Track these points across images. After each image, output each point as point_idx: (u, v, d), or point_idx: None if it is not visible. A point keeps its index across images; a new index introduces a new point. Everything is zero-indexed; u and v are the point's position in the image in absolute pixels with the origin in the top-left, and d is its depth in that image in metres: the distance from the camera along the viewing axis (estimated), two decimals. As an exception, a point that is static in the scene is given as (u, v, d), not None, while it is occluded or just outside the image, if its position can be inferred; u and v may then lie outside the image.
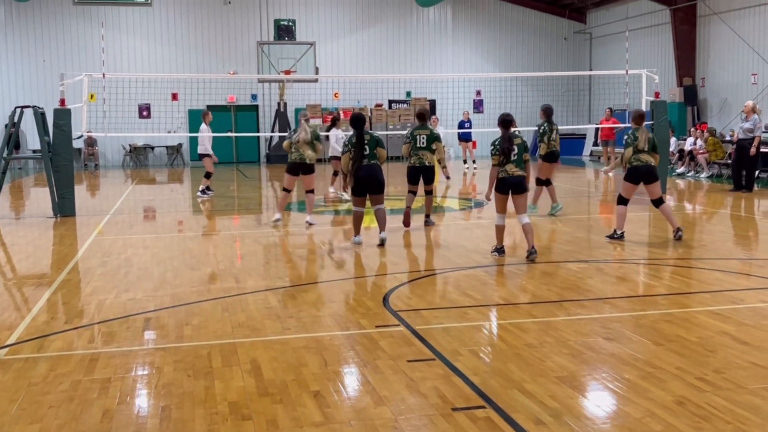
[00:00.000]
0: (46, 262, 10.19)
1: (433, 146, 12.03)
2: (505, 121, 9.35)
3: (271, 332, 6.41)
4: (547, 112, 13.25)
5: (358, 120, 10.61)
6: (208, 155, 17.32)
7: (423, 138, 12.03)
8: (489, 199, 9.74)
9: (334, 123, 17.67)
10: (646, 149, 10.38)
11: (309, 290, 8.15)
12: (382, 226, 10.56)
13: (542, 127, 13.20)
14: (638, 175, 10.42)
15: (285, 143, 12.64)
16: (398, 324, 6.58)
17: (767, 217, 13.89)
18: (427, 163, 12.03)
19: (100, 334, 6.47)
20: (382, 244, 10.39)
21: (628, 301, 7.38)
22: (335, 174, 17.55)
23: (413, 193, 12.36)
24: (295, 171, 12.44)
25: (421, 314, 6.92)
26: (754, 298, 7.35)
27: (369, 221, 11.75)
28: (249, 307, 7.25)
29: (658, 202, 10.54)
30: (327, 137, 17.00)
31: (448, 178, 20.05)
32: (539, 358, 5.59)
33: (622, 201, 10.61)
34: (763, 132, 21.55)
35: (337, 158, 17.18)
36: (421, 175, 12.13)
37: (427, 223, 12.43)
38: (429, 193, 12.47)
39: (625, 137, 10.73)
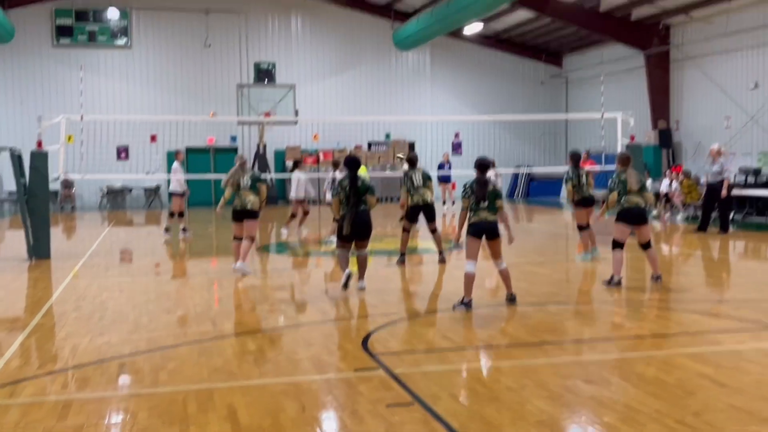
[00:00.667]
0: (19, 305, 10.04)
1: (427, 184, 12.46)
2: (482, 165, 9.12)
3: (248, 377, 6.33)
4: (574, 158, 12.95)
5: (352, 162, 10.17)
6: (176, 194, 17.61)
7: (419, 176, 12.41)
8: (458, 242, 9.71)
9: (296, 165, 17.70)
10: (637, 190, 10.28)
11: (287, 333, 8.09)
12: (362, 274, 10.23)
13: (567, 173, 12.92)
14: (630, 216, 10.27)
15: (224, 185, 12.07)
16: (377, 367, 6.52)
17: (742, 258, 14.00)
18: (429, 201, 12.41)
19: (74, 380, 6.36)
20: (361, 290, 10.08)
21: (607, 343, 7.38)
22: (292, 216, 17.41)
23: (408, 232, 12.68)
24: (239, 218, 11.89)
25: (400, 357, 6.88)
26: (732, 339, 7.37)
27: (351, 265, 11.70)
28: (226, 351, 7.17)
29: (646, 246, 10.41)
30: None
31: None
32: (519, 401, 5.56)
33: (617, 245, 10.36)
34: (737, 174, 21.89)
35: (300, 201, 17.13)
36: (422, 212, 12.49)
37: (442, 260, 12.65)
38: (435, 231, 12.75)
39: (610, 181, 10.52)
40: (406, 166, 13.15)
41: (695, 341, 7.33)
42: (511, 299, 9.19)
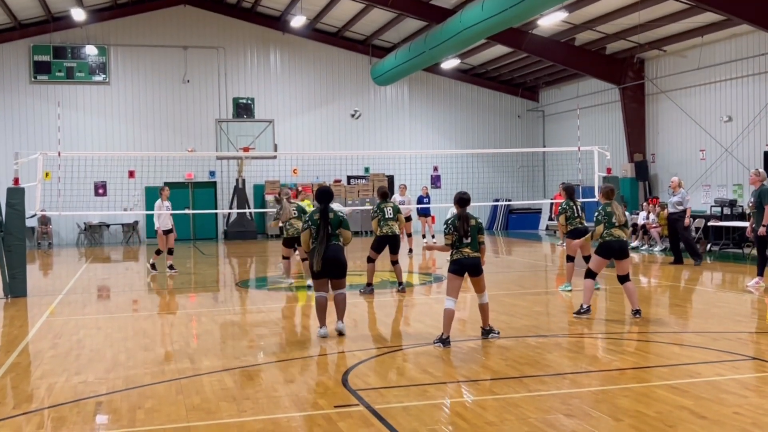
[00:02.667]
0: (-6, 344, 9.90)
1: (397, 217, 13.23)
2: (462, 200, 9.05)
3: (226, 415, 6.27)
4: (567, 191, 13.15)
5: (324, 194, 9.56)
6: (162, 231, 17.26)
7: (390, 209, 13.17)
8: (427, 246, 10.02)
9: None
10: (622, 224, 10.37)
11: (266, 369, 8.02)
12: (340, 315, 9.62)
13: (561, 206, 13.13)
14: (611, 250, 10.35)
15: (272, 223, 15.31)
16: (357, 404, 6.48)
17: (719, 290, 14.11)
18: (397, 232, 13.15)
19: (50, 420, 6.27)
20: (340, 334, 9.52)
21: (587, 376, 7.38)
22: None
23: (373, 262, 13.36)
24: (291, 244, 14.20)
25: (380, 393, 6.84)
26: (711, 371, 7.40)
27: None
28: (204, 389, 7.10)
29: (624, 279, 10.46)
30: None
31: (410, 250, 20.33)
32: (500, 436, 5.54)
33: (591, 275, 10.55)
34: (713, 206, 22.13)
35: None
36: (388, 244, 13.17)
37: (402, 290, 13.39)
38: (396, 262, 13.51)
39: (596, 214, 10.60)
40: (377, 200, 13.79)
41: (674, 373, 7.36)
42: (487, 332, 9.21)
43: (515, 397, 6.60)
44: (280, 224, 14.57)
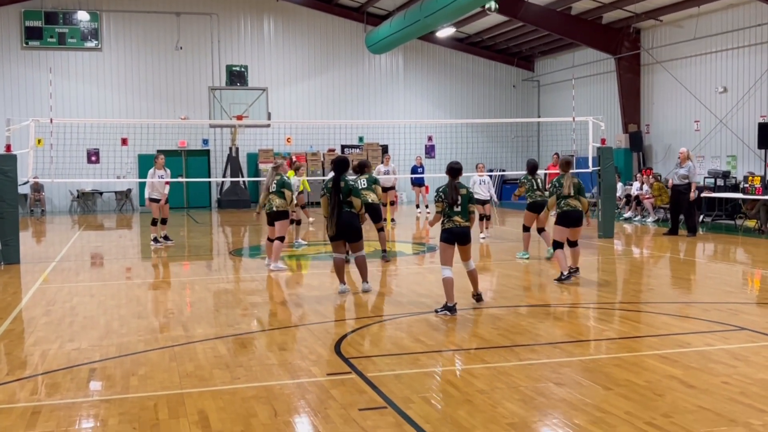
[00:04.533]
0: (-12, 311, 9.91)
1: (373, 187, 13.55)
2: (453, 170, 9.13)
3: (219, 382, 6.30)
4: (529, 166, 13.85)
5: (339, 164, 10.19)
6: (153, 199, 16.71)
7: (363, 180, 13.47)
8: (430, 222, 9.75)
9: (297, 170, 17.84)
10: (571, 194, 11.00)
11: (259, 338, 8.06)
12: (363, 276, 10.39)
13: (520, 179, 14.04)
14: (568, 219, 11.06)
15: (261, 198, 12.83)
16: (350, 372, 6.52)
17: (711, 261, 14.19)
18: (373, 201, 13.28)
19: (43, 386, 6.29)
20: (365, 292, 10.32)
21: (577, 345, 7.44)
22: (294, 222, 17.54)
23: None
24: (270, 221, 12.61)
25: (373, 361, 6.88)
26: (700, 341, 7.47)
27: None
28: (197, 356, 7.13)
29: (573, 244, 11.25)
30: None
31: (392, 219, 20.62)
32: (491, 404, 5.59)
33: (558, 245, 11.07)
34: (706, 177, 22.17)
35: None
36: (367, 213, 12.87)
37: (386, 258, 13.58)
38: (381, 230, 13.70)
39: (549, 185, 11.33)
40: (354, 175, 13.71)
41: (664, 343, 7.42)
42: (478, 298, 9.35)
43: (506, 365, 6.65)
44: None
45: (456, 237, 8.98)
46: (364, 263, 10.39)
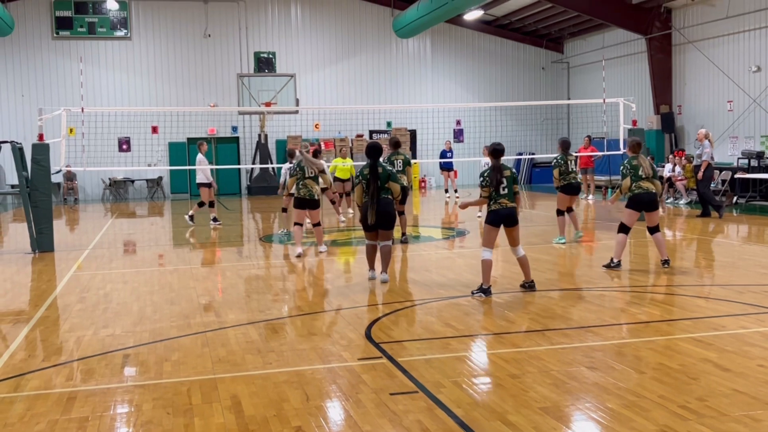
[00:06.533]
0: (24, 298, 10.07)
1: (405, 169, 13.48)
2: (495, 151, 9.04)
3: (251, 367, 6.35)
4: (563, 145, 13.45)
5: (373, 149, 9.97)
6: (204, 184, 17.77)
7: (399, 162, 13.41)
8: (463, 207, 9.82)
9: (316, 155, 17.89)
10: (649, 176, 10.40)
11: (290, 323, 8.10)
12: (385, 266, 10.04)
13: (555, 160, 13.47)
14: (641, 203, 10.41)
15: (289, 181, 12.82)
16: (380, 356, 6.53)
17: (745, 242, 13.99)
18: (404, 183, 12.92)
19: (79, 372, 6.38)
20: (383, 282, 9.99)
21: (610, 329, 7.38)
22: (332, 203, 17.94)
23: (402, 214, 13.62)
24: (304, 206, 12.54)
25: (403, 346, 6.89)
26: (735, 324, 7.37)
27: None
28: (229, 342, 7.18)
29: (654, 230, 10.56)
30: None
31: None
32: (522, 388, 5.57)
33: (624, 229, 10.53)
34: (740, 158, 21.82)
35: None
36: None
37: (405, 241, 13.63)
38: (402, 213, 13.60)
39: (621, 167, 10.65)
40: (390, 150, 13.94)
41: (698, 326, 7.34)
42: (530, 286, 9.23)
43: (538, 350, 6.62)
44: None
45: (502, 219, 8.92)
46: (389, 254, 10.10)
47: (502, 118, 32.17)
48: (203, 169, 17.66)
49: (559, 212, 13.68)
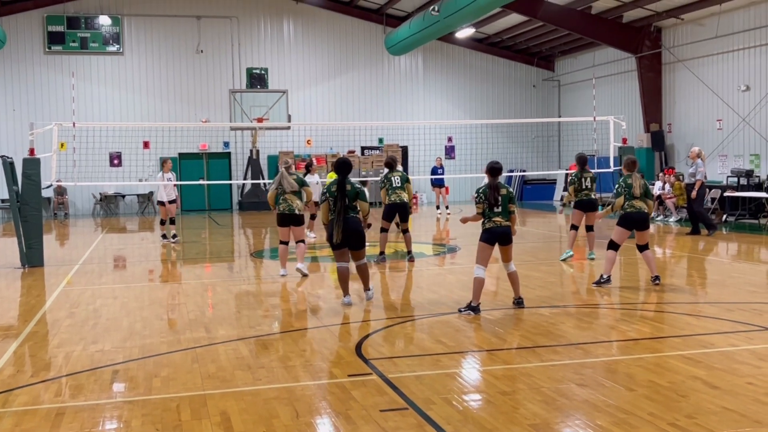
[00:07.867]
0: (12, 313, 10.02)
1: (405, 186, 13.33)
2: (493, 169, 9.07)
3: (241, 383, 6.33)
4: (579, 161, 13.49)
5: (342, 166, 9.52)
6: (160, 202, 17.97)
7: (397, 178, 13.27)
8: (464, 221, 9.56)
9: (309, 169, 18.15)
10: (640, 195, 10.44)
11: (281, 339, 8.08)
12: (366, 284, 9.82)
13: (571, 176, 13.54)
14: (632, 222, 10.46)
15: (269, 195, 12.03)
16: (371, 373, 6.53)
17: (735, 260, 14.05)
18: (404, 201, 13.18)
19: (67, 388, 6.35)
20: (369, 299, 9.82)
21: (600, 346, 7.39)
22: (312, 218, 17.87)
23: (386, 231, 13.56)
24: (286, 223, 11.93)
25: (394, 362, 6.88)
26: (724, 341, 7.40)
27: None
28: (219, 358, 7.17)
29: (643, 248, 10.62)
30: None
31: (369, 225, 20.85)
32: (512, 405, 5.57)
33: (614, 246, 10.57)
34: (729, 176, 21.95)
35: (317, 203, 17.37)
36: (398, 212, 13.34)
37: (411, 259, 13.51)
38: (406, 231, 13.73)
39: (616, 185, 10.70)
40: (385, 170, 13.76)
41: (688, 343, 7.36)
42: (519, 302, 9.25)
43: (528, 366, 6.63)
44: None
45: (497, 237, 8.95)
46: (367, 271, 9.82)
47: (494, 136, 32.29)
48: (160, 187, 17.91)
49: (573, 227, 13.50)
